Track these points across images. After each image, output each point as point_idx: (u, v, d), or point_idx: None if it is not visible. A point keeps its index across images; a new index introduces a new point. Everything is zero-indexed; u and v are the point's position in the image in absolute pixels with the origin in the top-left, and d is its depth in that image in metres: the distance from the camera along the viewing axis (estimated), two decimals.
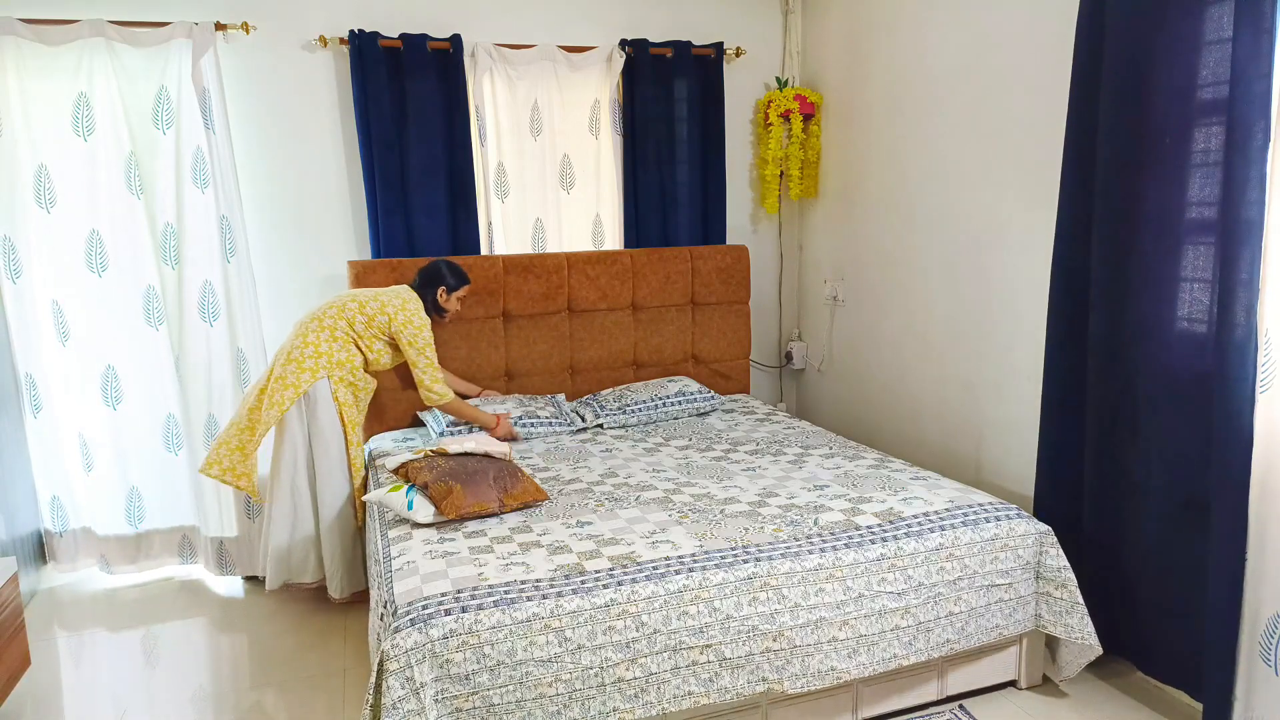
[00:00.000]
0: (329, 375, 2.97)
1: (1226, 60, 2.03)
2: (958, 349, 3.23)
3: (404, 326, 3.04)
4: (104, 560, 3.48)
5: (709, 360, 3.99)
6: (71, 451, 3.40)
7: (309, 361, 2.95)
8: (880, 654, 2.21)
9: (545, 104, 3.73)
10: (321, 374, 2.96)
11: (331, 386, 2.98)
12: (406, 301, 3.09)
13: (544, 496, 2.56)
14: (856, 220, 3.83)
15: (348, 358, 3.02)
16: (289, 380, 2.93)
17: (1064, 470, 2.61)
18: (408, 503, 2.44)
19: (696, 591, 2.05)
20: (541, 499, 2.55)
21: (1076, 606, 2.33)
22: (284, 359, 2.97)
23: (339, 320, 3.02)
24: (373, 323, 3.04)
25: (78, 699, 2.65)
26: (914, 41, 3.34)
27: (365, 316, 3.03)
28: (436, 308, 3.19)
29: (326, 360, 2.97)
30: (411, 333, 3.05)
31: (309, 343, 2.98)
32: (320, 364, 2.96)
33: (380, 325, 3.04)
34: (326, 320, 3.02)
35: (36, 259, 3.26)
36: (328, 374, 2.97)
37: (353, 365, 3.03)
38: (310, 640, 2.92)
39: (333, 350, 2.99)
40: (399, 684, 1.83)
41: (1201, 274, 2.17)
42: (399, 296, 3.10)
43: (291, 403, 2.92)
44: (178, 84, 3.22)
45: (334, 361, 2.99)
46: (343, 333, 3.01)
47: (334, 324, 3.01)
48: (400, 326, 3.04)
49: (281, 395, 2.91)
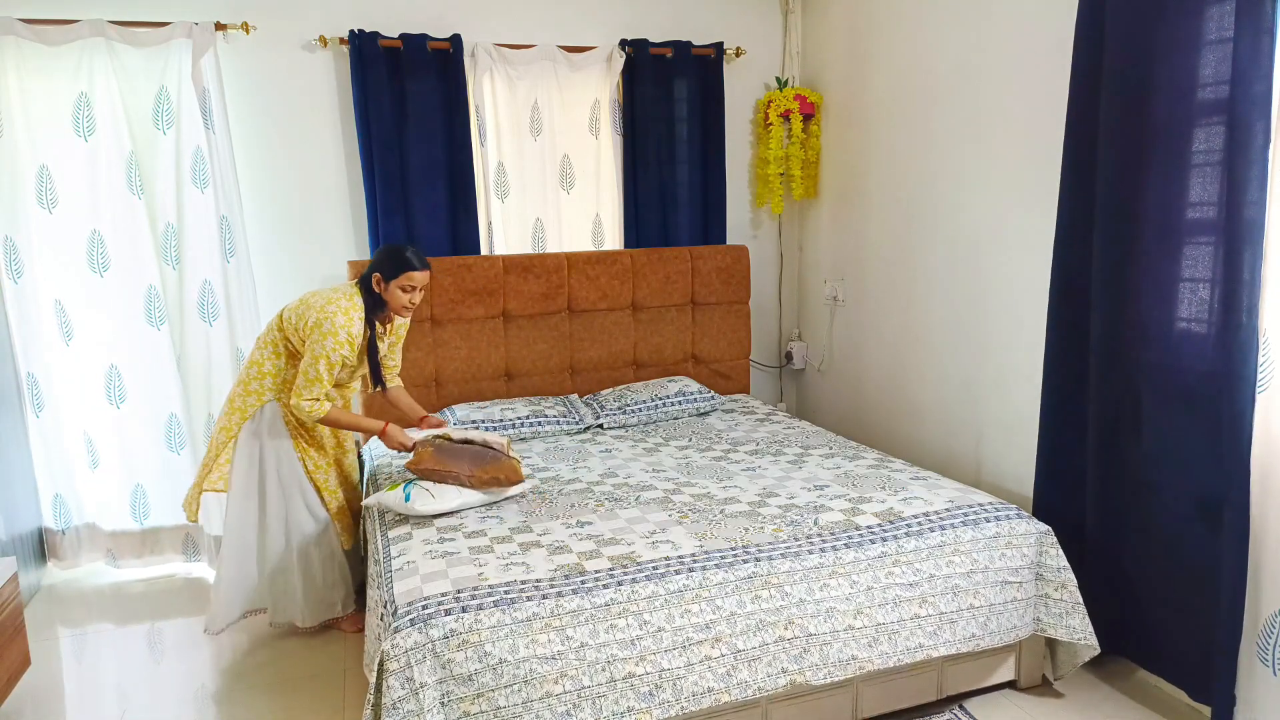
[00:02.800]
0: (276, 396, 2.76)
1: (1227, 60, 2.03)
2: (957, 349, 3.23)
3: (312, 330, 2.62)
4: (111, 555, 3.50)
5: (709, 360, 3.99)
6: (76, 449, 3.41)
7: (254, 384, 2.76)
8: (903, 644, 2.21)
9: (545, 104, 3.73)
10: (268, 396, 2.75)
11: (282, 410, 2.76)
12: (330, 303, 2.65)
13: (518, 478, 2.60)
14: (856, 220, 3.83)
15: (294, 374, 2.75)
16: (236, 404, 2.77)
17: (1064, 470, 2.61)
18: (405, 496, 2.44)
19: (697, 591, 2.05)
20: (516, 479, 2.59)
21: (1077, 607, 2.33)
22: (236, 380, 2.81)
23: (278, 332, 2.76)
24: (296, 328, 2.70)
25: (79, 697, 2.65)
26: (914, 41, 3.33)
27: (292, 323, 2.71)
28: (377, 302, 2.72)
29: (273, 381, 2.76)
30: (317, 336, 2.61)
31: (253, 361, 2.78)
32: (265, 385, 2.76)
33: (299, 330, 2.69)
34: (269, 335, 2.78)
35: (38, 259, 3.26)
36: (274, 395, 2.75)
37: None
38: (311, 640, 2.92)
39: (278, 369, 2.76)
40: (399, 684, 1.83)
41: (1202, 274, 2.17)
42: (327, 297, 2.69)
43: (238, 427, 2.74)
44: (178, 84, 3.22)
45: (282, 381, 2.76)
46: (284, 347, 2.76)
47: (275, 339, 2.77)
48: (310, 329, 2.63)
49: (229, 420, 2.77)
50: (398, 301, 2.70)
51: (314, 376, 2.61)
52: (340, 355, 2.64)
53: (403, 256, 2.67)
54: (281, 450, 2.77)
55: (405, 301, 2.70)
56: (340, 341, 2.62)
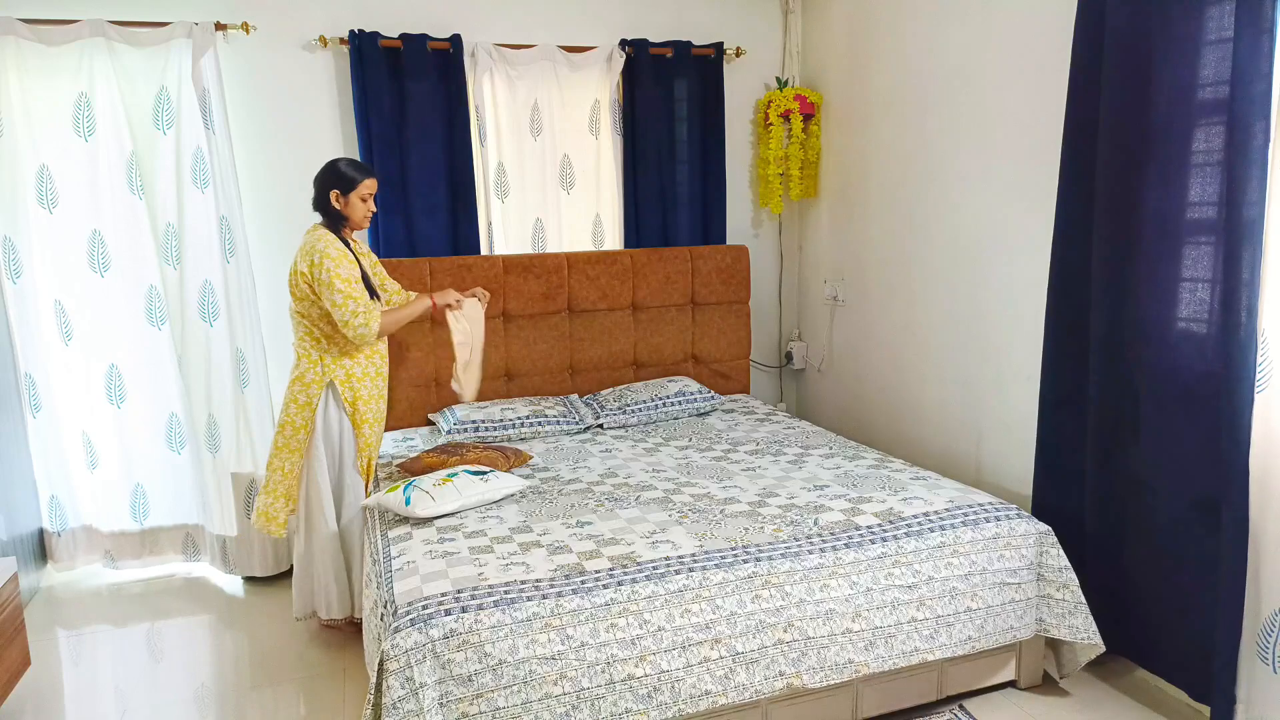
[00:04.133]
0: (331, 372, 2.75)
1: (1227, 60, 2.03)
2: (957, 349, 3.23)
3: (314, 270, 2.64)
4: (109, 556, 3.50)
5: (709, 360, 3.99)
6: (75, 450, 3.41)
7: (310, 372, 2.74)
8: (900, 647, 2.21)
9: (545, 104, 3.73)
10: (324, 373, 2.75)
11: (341, 389, 2.76)
12: (305, 244, 2.69)
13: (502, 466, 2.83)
14: (856, 220, 3.83)
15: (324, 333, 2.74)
16: (300, 400, 2.75)
17: (1064, 470, 2.61)
18: (405, 499, 2.44)
19: (697, 591, 2.05)
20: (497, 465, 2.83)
21: (1080, 606, 2.33)
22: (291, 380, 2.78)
23: (298, 305, 2.74)
24: (299, 289, 2.70)
25: (79, 697, 2.66)
26: (914, 41, 3.34)
27: (296, 295, 2.72)
28: (339, 219, 2.74)
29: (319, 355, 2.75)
30: (319, 272, 2.63)
31: (299, 354, 2.78)
32: (316, 361, 2.74)
33: (303, 287, 2.70)
34: (295, 320, 2.77)
35: (38, 259, 3.26)
36: (330, 369, 2.75)
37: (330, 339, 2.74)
38: (311, 639, 2.92)
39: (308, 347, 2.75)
40: (399, 684, 1.83)
41: (1202, 274, 2.17)
42: (305, 245, 2.71)
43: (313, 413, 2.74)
44: (178, 84, 3.22)
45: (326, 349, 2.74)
46: (310, 317, 2.73)
47: (298, 325, 2.77)
48: (310, 271, 2.65)
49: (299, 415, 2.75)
50: (358, 213, 2.77)
51: (343, 301, 2.64)
52: (350, 271, 2.68)
53: (355, 168, 2.75)
54: (345, 429, 2.80)
55: (365, 211, 2.78)
56: (340, 257, 2.66)
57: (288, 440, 2.78)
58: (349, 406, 2.80)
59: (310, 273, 2.67)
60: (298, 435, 2.77)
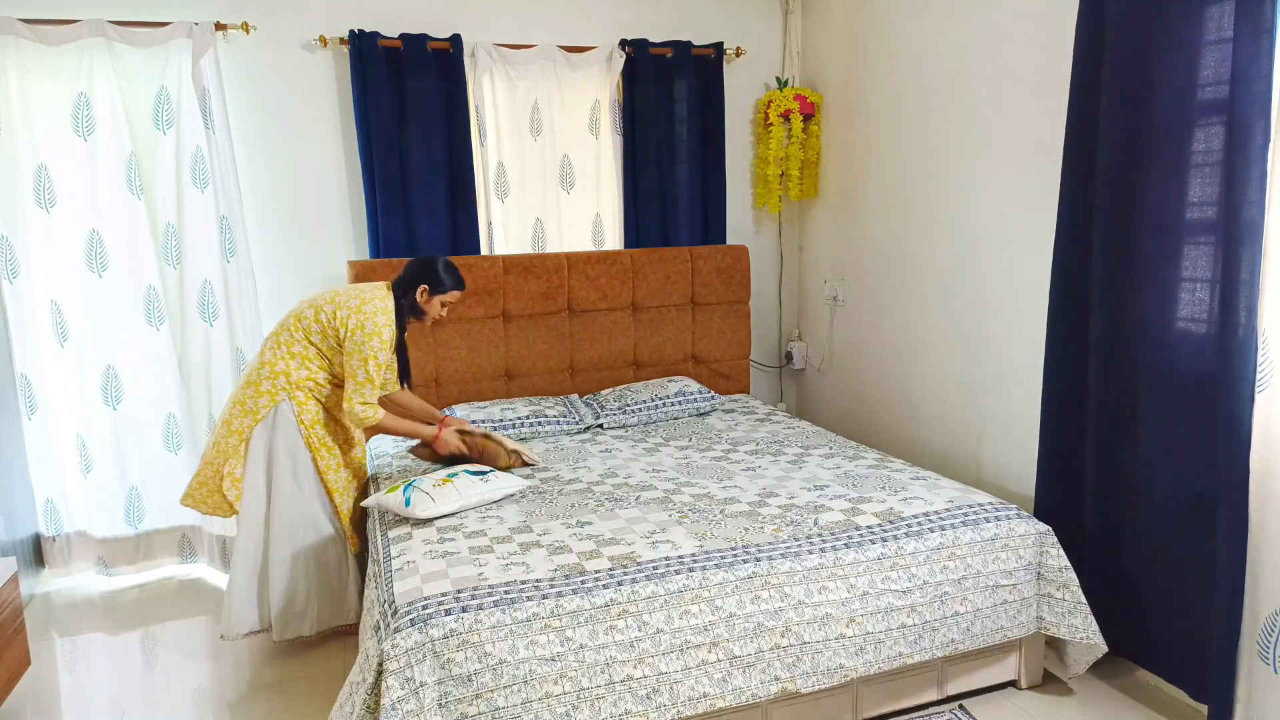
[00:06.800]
0: (289, 397, 2.69)
1: (1227, 60, 2.03)
2: (957, 349, 3.23)
3: (354, 331, 2.63)
4: (102, 563, 3.47)
5: (709, 360, 3.99)
6: (68, 454, 3.39)
7: (266, 384, 2.68)
8: (886, 652, 2.21)
9: (545, 104, 3.73)
10: (281, 397, 2.68)
11: (295, 409, 2.69)
12: (366, 302, 2.68)
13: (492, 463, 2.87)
14: (856, 220, 3.83)
15: (309, 375, 2.72)
16: (246, 406, 2.69)
17: (1064, 470, 2.61)
18: (405, 500, 2.44)
19: (697, 591, 2.05)
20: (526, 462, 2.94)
21: (1080, 606, 2.33)
22: (244, 381, 2.73)
23: (296, 331, 2.71)
24: (329, 329, 2.69)
25: (78, 699, 2.65)
26: (914, 41, 3.34)
27: (320, 324, 2.69)
28: (414, 309, 2.80)
29: (285, 380, 2.69)
30: (360, 338, 2.63)
31: (265, 362, 2.70)
32: (279, 385, 2.68)
33: (335, 330, 2.68)
34: (283, 335, 2.72)
35: (35, 259, 3.25)
36: (288, 395, 2.69)
37: (316, 382, 2.73)
38: (311, 639, 2.91)
39: (290, 368, 2.70)
40: (398, 684, 1.83)
41: (1202, 274, 2.17)
42: (360, 296, 2.71)
43: (250, 430, 2.68)
44: (178, 84, 3.22)
45: (293, 382, 2.69)
46: (301, 346, 2.71)
47: (291, 337, 2.72)
48: (351, 330, 2.64)
49: (239, 423, 2.69)
50: (434, 313, 2.81)
51: (363, 379, 2.65)
52: (387, 357, 2.69)
53: (451, 275, 2.79)
54: (297, 452, 2.71)
55: (437, 314, 2.82)
56: (385, 342, 2.67)
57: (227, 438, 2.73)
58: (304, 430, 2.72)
59: (352, 331, 2.64)
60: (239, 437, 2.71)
